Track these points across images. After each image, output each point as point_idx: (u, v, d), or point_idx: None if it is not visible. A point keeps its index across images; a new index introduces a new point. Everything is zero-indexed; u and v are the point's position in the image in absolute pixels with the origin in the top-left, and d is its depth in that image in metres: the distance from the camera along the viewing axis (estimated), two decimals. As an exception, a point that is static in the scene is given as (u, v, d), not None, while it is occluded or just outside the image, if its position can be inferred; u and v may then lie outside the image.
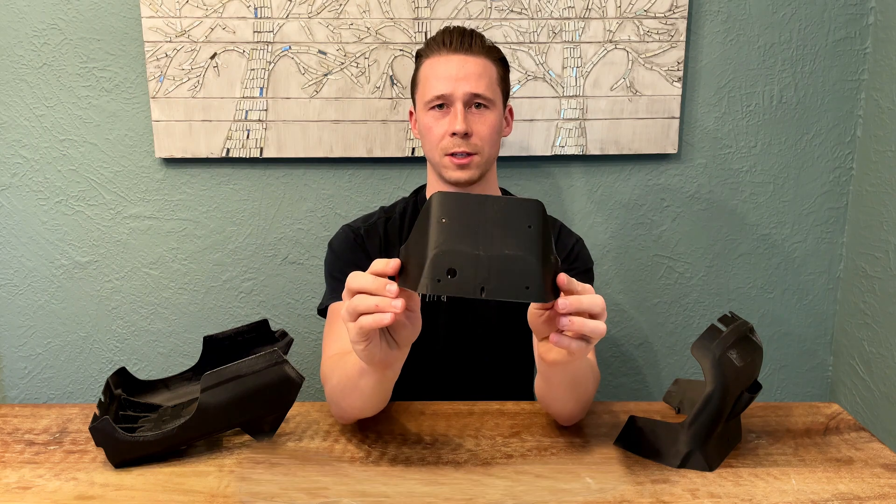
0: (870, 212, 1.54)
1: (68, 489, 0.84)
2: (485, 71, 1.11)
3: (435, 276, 0.65)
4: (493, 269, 0.66)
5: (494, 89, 1.12)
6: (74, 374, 1.63)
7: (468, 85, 1.09)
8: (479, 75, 1.10)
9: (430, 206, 0.68)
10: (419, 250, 0.67)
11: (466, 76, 1.09)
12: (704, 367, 0.87)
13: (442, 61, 1.11)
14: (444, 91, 1.10)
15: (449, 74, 1.10)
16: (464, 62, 1.10)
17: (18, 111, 1.50)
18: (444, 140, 1.11)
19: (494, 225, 0.67)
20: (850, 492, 0.84)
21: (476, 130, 1.11)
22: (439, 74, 1.11)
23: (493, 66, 1.13)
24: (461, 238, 0.66)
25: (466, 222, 0.67)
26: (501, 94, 1.15)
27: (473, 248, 0.66)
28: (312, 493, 0.83)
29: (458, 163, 1.11)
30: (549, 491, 0.84)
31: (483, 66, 1.11)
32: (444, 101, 1.11)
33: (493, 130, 1.12)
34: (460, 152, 1.10)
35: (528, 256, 0.66)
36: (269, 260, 1.59)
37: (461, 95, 1.09)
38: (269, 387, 0.87)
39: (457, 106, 1.10)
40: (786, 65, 1.54)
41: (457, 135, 1.09)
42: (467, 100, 1.10)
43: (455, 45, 1.11)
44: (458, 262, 0.65)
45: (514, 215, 0.68)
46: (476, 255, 0.66)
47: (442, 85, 1.10)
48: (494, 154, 1.15)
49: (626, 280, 1.64)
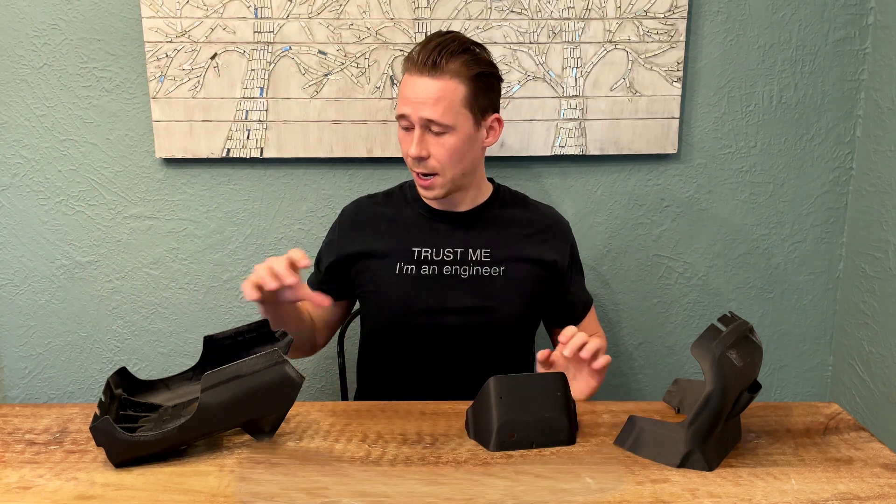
0: (869, 212, 1.54)
1: (69, 489, 0.84)
2: (445, 95, 1.11)
3: (501, 438, 0.93)
4: (539, 429, 0.94)
5: (456, 112, 1.12)
6: (75, 374, 1.63)
7: (424, 110, 1.12)
8: (436, 100, 1.11)
9: (489, 386, 0.94)
10: (485, 417, 0.94)
11: (424, 101, 1.11)
12: (704, 367, 0.87)
13: (409, 81, 1.14)
14: (405, 112, 1.14)
15: (410, 97, 1.13)
16: (425, 86, 1.12)
17: (19, 111, 1.50)
18: (407, 158, 1.17)
19: (535, 394, 0.95)
20: (849, 492, 0.84)
21: (433, 153, 1.14)
22: (405, 94, 1.14)
23: (460, 87, 1.12)
24: (516, 410, 0.94)
25: (517, 396, 0.94)
26: (470, 114, 1.14)
27: (524, 415, 0.94)
28: (312, 493, 0.83)
29: (421, 183, 1.18)
30: (549, 491, 0.84)
31: (444, 89, 1.11)
32: (406, 124, 1.15)
33: (452, 153, 1.14)
34: (420, 173, 1.16)
35: (560, 416, 0.95)
36: (269, 260, 1.59)
37: (417, 120, 1.13)
38: (269, 387, 0.88)
39: (416, 130, 1.13)
40: (786, 65, 1.54)
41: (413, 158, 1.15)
42: (423, 124, 1.13)
43: (421, 63, 1.12)
44: (516, 427, 0.93)
45: (548, 387, 0.96)
46: (527, 421, 0.94)
47: (403, 106, 1.14)
48: (461, 171, 1.17)
49: (625, 280, 1.64)
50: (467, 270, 1.21)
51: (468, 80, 1.12)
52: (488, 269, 1.21)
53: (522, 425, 0.93)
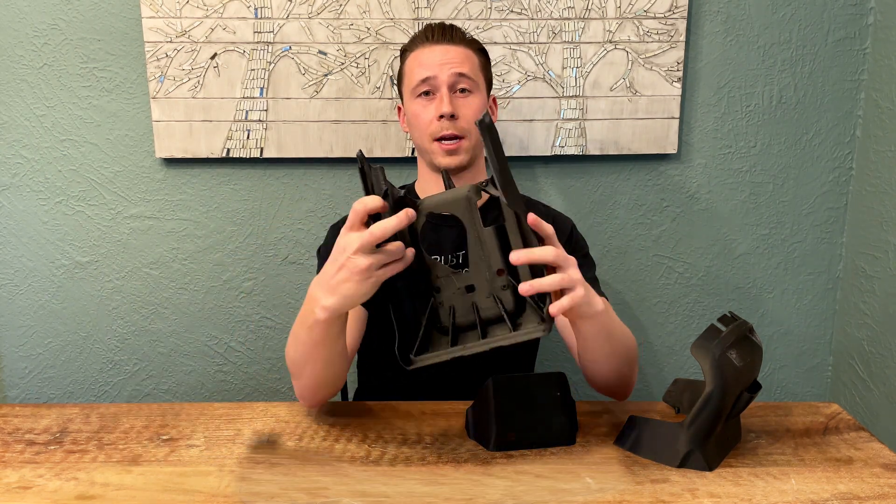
0: (869, 212, 1.54)
1: (69, 489, 0.84)
2: (467, 58, 1.18)
3: (500, 438, 0.92)
4: (539, 429, 0.94)
5: (477, 73, 1.19)
6: (75, 374, 1.63)
7: (454, 67, 1.15)
8: (462, 59, 1.17)
9: (489, 386, 0.94)
10: (485, 417, 0.94)
11: (450, 61, 1.16)
12: (704, 367, 0.87)
13: (426, 51, 1.18)
14: (430, 74, 1.15)
15: (433, 61, 1.16)
16: (446, 50, 1.17)
17: (19, 111, 1.50)
18: (432, 125, 1.16)
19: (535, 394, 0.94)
20: (849, 492, 0.84)
21: (462, 114, 1.15)
22: (423, 62, 1.17)
23: (474, 55, 1.20)
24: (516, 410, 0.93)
25: (517, 396, 0.94)
26: (484, 81, 1.21)
27: (524, 415, 0.93)
28: (312, 493, 0.83)
29: (446, 148, 1.15)
30: (549, 491, 0.84)
31: (465, 53, 1.18)
32: (429, 88, 1.16)
33: (479, 113, 1.16)
34: (449, 136, 1.14)
35: (560, 416, 0.94)
36: (269, 260, 1.59)
37: (446, 79, 1.15)
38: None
39: (443, 90, 1.15)
40: (785, 65, 1.54)
41: (444, 117, 1.14)
42: (452, 83, 1.16)
43: (437, 36, 1.18)
44: (516, 427, 0.93)
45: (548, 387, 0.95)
46: (527, 422, 0.93)
47: (427, 70, 1.16)
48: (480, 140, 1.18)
49: (625, 280, 1.64)
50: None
51: (478, 51, 1.21)
52: None
53: (522, 425, 0.93)
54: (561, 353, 1.65)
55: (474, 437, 0.96)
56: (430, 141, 1.16)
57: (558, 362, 1.63)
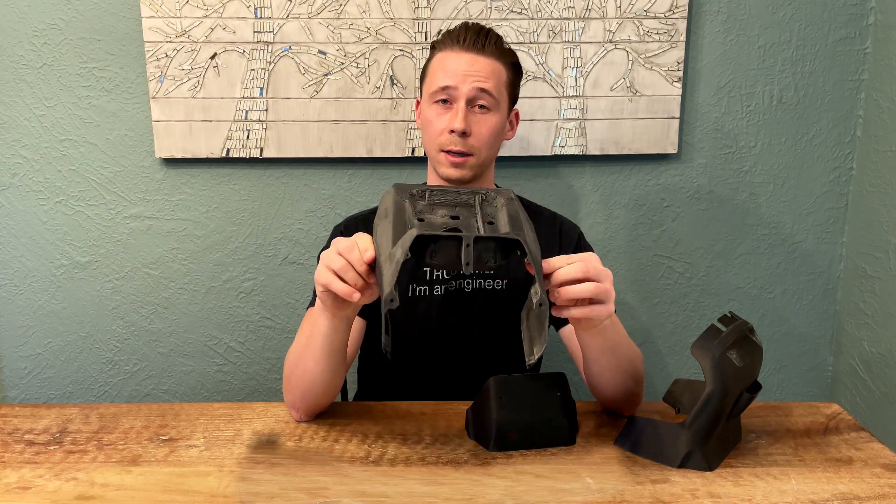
0: (870, 212, 1.54)
1: (68, 489, 0.84)
2: (493, 73, 1.12)
3: (500, 438, 0.93)
4: (539, 429, 0.94)
5: (500, 91, 1.13)
6: (74, 374, 1.63)
7: (477, 82, 1.10)
8: (488, 75, 1.11)
9: (489, 386, 0.94)
10: (485, 417, 0.94)
11: (475, 73, 1.10)
12: (704, 367, 0.87)
13: (453, 56, 1.12)
14: (451, 83, 1.10)
15: (457, 70, 1.11)
16: (474, 60, 1.11)
17: (18, 111, 1.50)
18: (442, 136, 1.12)
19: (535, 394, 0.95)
20: (849, 492, 0.84)
21: (475, 131, 1.11)
22: (448, 68, 1.12)
23: (503, 70, 1.13)
24: (516, 410, 0.93)
25: (517, 396, 0.94)
26: (508, 98, 1.15)
27: (525, 415, 0.93)
28: (312, 493, 0.83)
29: (452, 161, 1.12)
30: (549, 491, 0.84)
31: (493, 67, 1.12)
32: (447, 97, 1.12)
33: (493, 133, 1.13)
34: (456, 151, 1.11)
35: (560, 416, 0.95)
36: (269, 260, 1.59)
37: (466, 91, 1.10)
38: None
39: (460, 104, 1.10)
40: (786, 65, 1.54)
41: (455, 132, 1.10)
42: (472, 97, 1.10)
43: (468, 43, 1.12)
44: (515, 428, 0.93)
45: (548, 387, 0.96)
46: (527, 421, 0.93)
47: (449, 78, 1.11)
48: (492, 156, 1.16)
49: (626, 280, 1.64)
50: (470, 284, 1.19)
51: (509, 65, 1.15)
52: (491, 283, 1.20)
53: (522, 425, 0.93)
54: (561, 353, 1.64)
55: (474, 438, 0.96)
56: (437, 150, 1.13)
57: (558, 362, 1.63)
